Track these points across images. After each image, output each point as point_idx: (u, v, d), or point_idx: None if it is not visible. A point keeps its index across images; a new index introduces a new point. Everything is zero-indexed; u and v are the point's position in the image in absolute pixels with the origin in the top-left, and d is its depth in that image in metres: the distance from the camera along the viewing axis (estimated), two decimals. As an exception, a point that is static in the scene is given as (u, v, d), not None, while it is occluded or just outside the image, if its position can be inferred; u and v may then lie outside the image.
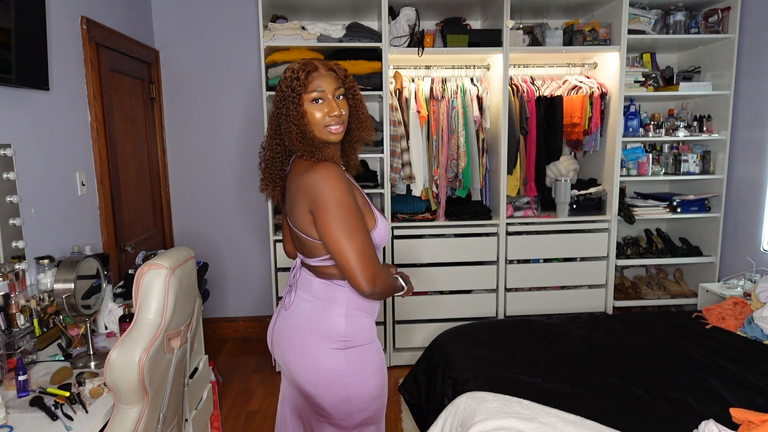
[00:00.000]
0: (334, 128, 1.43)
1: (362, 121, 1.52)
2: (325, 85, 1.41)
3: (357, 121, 1.51)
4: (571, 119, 3.46)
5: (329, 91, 1.42)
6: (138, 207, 3.26)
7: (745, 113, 3.33)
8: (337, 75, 1.45)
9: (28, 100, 2.12)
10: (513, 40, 3.25)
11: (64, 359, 1.86)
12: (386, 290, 1.45)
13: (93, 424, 1.48)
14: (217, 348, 3.80)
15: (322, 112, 1.41)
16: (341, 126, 1.44)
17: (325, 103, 1.41)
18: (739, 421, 1.75)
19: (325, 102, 1.41)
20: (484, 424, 1.76)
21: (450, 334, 2.66)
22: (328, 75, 1.43)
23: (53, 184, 2.29)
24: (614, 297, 3.55)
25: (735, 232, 3.43)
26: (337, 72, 1.45)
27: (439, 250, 3.37)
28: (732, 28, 3.32)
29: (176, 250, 1.62)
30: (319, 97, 1.41)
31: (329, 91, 1.42)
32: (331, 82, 1.42)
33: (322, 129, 1.42)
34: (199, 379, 2.26)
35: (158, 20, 3.62)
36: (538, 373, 2.18)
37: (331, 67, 1.45)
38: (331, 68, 1.45)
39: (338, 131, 1.44)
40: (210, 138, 3.75)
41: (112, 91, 2.89)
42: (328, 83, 1.41)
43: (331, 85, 1.42)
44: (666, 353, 2.37)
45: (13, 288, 1.85)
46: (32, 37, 2.05)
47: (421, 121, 3.34)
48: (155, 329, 1.47)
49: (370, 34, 3.24)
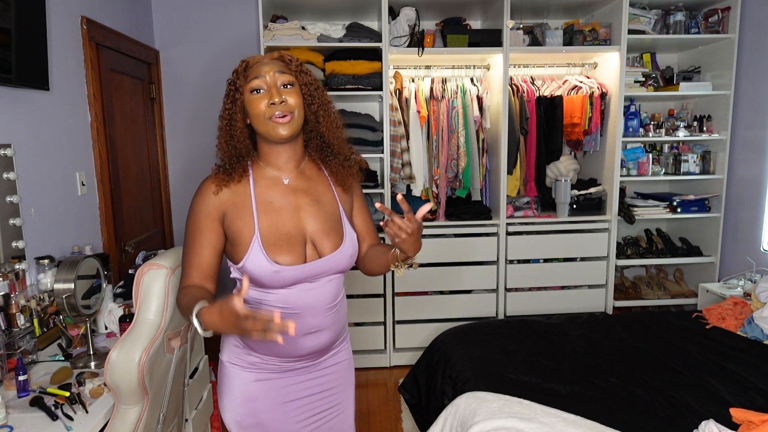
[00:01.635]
0: (277, 118, 1.24)
1: (319, 113, 1.33)
2: (266, 71, 1.25)
3: (313, 114, 1.33)
4: (571, 119, 3.46)
5: (271, 79, 1.25)
6: (138, 207, 3.25)
7: (745, 113, 3.33)
8: (284, 63, 1.28)
9: (28, 100, 2.12)
10: (513, 40, 3.25)
11: (64, 359, 1.86)
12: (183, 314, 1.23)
13: (93, 424, 1.48)
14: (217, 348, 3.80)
15: (261, 102, 1.25)
16: (288, 116, 1.25)
17: (266, 92, 1.25)
18: (739, 421, 1.75)
19: (265, 91, 1.25)
20: (484, 424, 1.76)
21: (450, 334, 2.66)
22: (271, 63, 1.27)
23: (53, 184, 2.29)
24: (614, 297, 3.55)
25: (735, 232, 3.43)
26: (285, 60, 1.29)
27: (439, 250, 3.37)
28: (732, 28, 3.32)
29: (176, 250, 1.62)
30: (258, 87, 1.25)
31: (270, 79, 1.25)
32: (273, 68, 1.26)
33: (266, 122, 1.25)
34: (199, 379, 2.26)
35: (158, 20, 3.62)
36: (538, 373, 2.18)
37: (279, 56, 1.30)
38: (280, 57, 1.30)
39: (285, 120, 1.25)
40: (210, 138, 3.71)
41: (112, 91, 2.89)
42: (269, 69, 1.26)
43: (272, 71, 1.25)
44: (666, 353, 2.37)
45: (13, 288, 1.85)
46: (32, 37, 2.05)
47: (421, 121, 3.34)
48: (155, 329, 1.47)
49: (370, 34, 3.24)
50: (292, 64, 1.30)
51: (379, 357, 3.43)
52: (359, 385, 3.11)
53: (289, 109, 1.26)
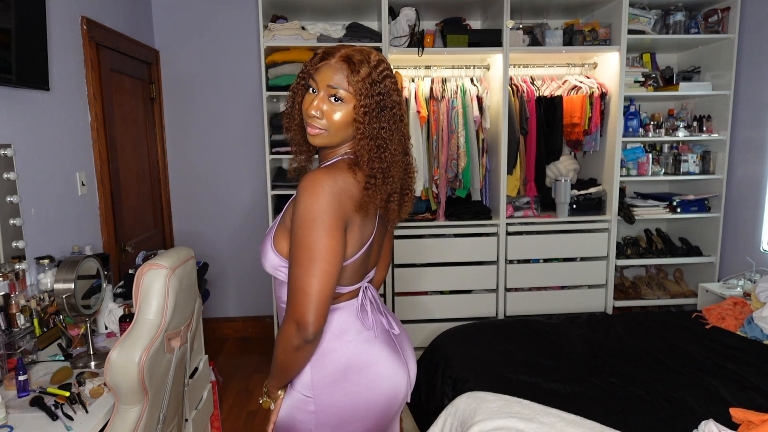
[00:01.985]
0: (310, 128, 1.19)
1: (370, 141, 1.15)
2: (322, 76, 1.17)
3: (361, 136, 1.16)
4: (571, 119, 3.46)
5: (323, 84, 1.17)
6: (138, 207, 3.26)
7: (745, 113, 3.33)
8: (349, 71, 1.15)
9: (28, 100, 2.13)
10: (513, 40, 3.25)
11: (64, 359, 1.86)
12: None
13: (93, 424, 1.48)
14: (217, 348, 3.80)
15: (307, 102, 1.19)
16: (318, 130, 1.18)
17: (314, 95, 1.18)
18: (739, 421, 1.75)
19: (314, 94, 1.18)
20: (484, 424, 1.76)
21: (450, 334, 2.66)
22: (335, 67, 1.16)
23: (53, 184, 2.29)
24: (614, 297, 3.55)
25: (735, 232, 3.43)
26: (351, 68, 1.15)
27: (439, 250, 3.37)
28: (732, 28, 3.32)
29: (176, 250, 1.62)
30: (311, 86, 1.19)
31: (322, 85, 1.17)
32: (330, 76, 1.16)
33: (304, 121, 1.22)
34: (199, 379, 2.26)
35: (158, 20, 3.62)
36: (538, 373, 2.18)
37: (348, 58, 1.16)
38: (348, 59, 1.16)
39: (312, 133, 1.18)
40: (210, 138, 3.75)
41: (112, 91, 2.89)
42: (328, 77, 1.16)
43: (328, 80, 1.16)
44: (666, 353, 2.37)
45: (13, 288, 1.85)
46: (32, 37, 2.05)
47: (421, 121, 3.34)
48: (155, 329, 1.47)
49: (370, 34, 3.24)
50: (356, 77, 1.14)
51: (379, 357, 3.43)
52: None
53: (323, 127, 1.18)
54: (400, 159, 1.21)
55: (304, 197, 1.09)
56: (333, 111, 1.16)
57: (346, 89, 1.15)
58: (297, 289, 1.10)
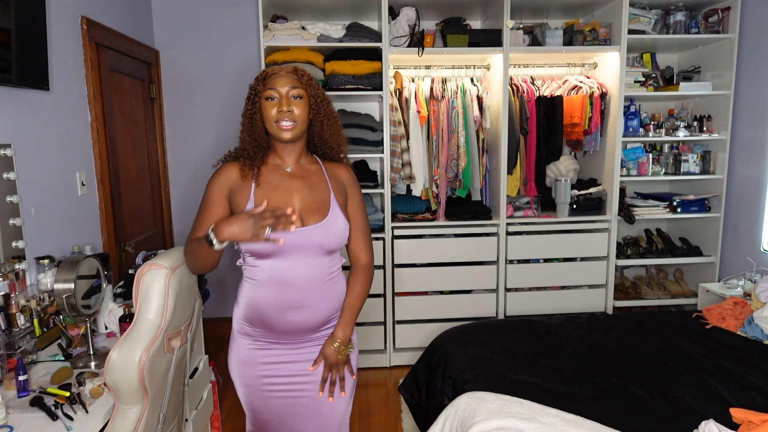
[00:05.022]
0: (284, 124, 1.49)
1: (324, 122, 1.58)
2: (280, 84, 1.50)
3: (318, 121, 1.58)
4: (571, 119, 3.46)
5: (283, 90, 1.49)
6: (138, 207, 3.26)
7: (745, 113, 3.33)
8: (297, 77, 1.52)
9: (28, 100, 2.12)
10: (513, 40, 3.25)
11: (64, 359, 1.86)
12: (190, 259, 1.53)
13: (93, 424, 1.48)
14: (217, 348, 3.80)
15: (273, 108, 1.49)
16: (292, 123, 1.50)
17: (277, 100, 1.49)
18: (739, 421, 1.75)
19: (276, 100, 1.50)
20: (484, 424, 1.77)
21: (450, 334, 2.66)
22: (286, 76, 1.51)
23: (53, 184, 2.29)
24: (614, 297, 3.55)
25: (735, 232, 3.43)
26: (297, 75, 1.53)
27: (439, 250, 3.37)
28: (732, 28, 3.32)
29: (176, 250, 1.62)
30: (272, 95, 1.50)
31: (283, 91, 1.49)
32: (287, 82, 1.50)
33: (273, 125, 1.50)
34: (199, 379, 2.26)
35: (158, 20, 3.62)
36: (538, 373, 2.18)
37: (293, 70, 1.53)
38: (294, 71, 1.53)
39: (287, 127, 1.50)
40: (210, 138, 3.75)
41: (112, 91, 2.89)
42: (283, 83, 1.50)
43: (285, 85, 1.50)
44: (666, 353, 2.37)
45: (13, 288, 1.85)
46: (32, 37, 2.05)
47: (421, 121, 3.34)
48: (155, 329, 1.47)
49: (370, 34, 3.24)
50: (304, 78, 1.53)
51: (379, 357, 3.44)
52: (359, 385, 3.11)
53: (293, 119, 1.50)
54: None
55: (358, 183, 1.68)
56: (297, 106, 1.51)
57: (302, 88, 1.52)
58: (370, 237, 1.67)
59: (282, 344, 1.58)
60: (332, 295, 1.58)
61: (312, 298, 1.53)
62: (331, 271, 1.57)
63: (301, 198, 1.54)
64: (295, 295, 1.51)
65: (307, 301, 1.53)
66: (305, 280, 1.51)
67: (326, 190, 1.58)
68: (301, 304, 1.52)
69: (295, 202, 1.53)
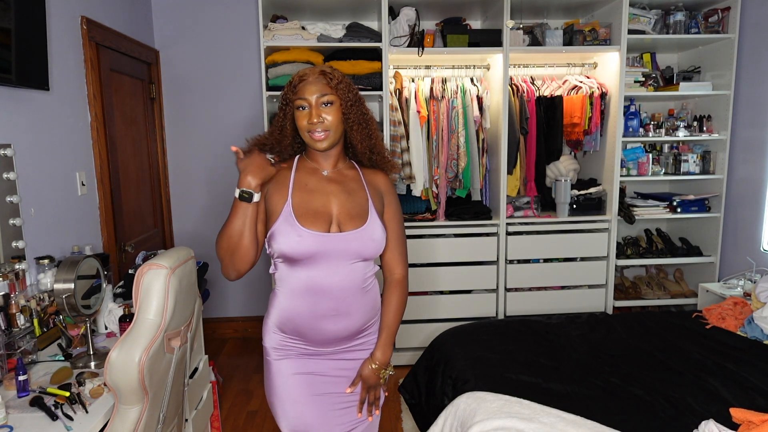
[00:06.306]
0: (316, 135, 1.44)
1: (353, 128, 1.50)
2: (309, 92, 1.43)
3: (348, 127, 1.50)
4: (571, 119, 3.46)
5: (312, 98, 1.43)
6: (138, 207, 3.26)
7: (745, 113, 3.33)
8: (326, 81, 1.44)
9: (28, 100, 2.12)
10: (513, 40, 3.25)
11: (64, 359, 1.86)
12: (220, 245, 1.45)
13: (93, 424, 1.48)
14: (217, 348, 3.80)
15: (304, 119, 1.44)
16: (324, 133, 1.44)
17: (308, 110, 1.44)
18: (739, 421, 1.75)
19: (307, 109, 1.44)
20: (484, 424, 1.77)
21: (450, 334, 2.66)
22: (315, 83, 1.44)
23: (53, 184, 2.29)
24: (614, 297, 3.55)
25: (735, 232, 3.43)
26: (327, 78, 1.45)
27: (439, 250, 3.37)
28: (732, 28, 3.32)
29: (176, 250, 1.62)
30: (302, 105, 1.44)
31: (312, 99, 1.43)
32: (316, 90, 1.43)
33: (306, 135, 1.46)
34: (199, 379, 2.26)
35: (158, 20, 3.62)
36: (538, 373, 2.18)
37: (322, 72, 1.46)
38: (322, 74, 1.45)
39: (319, 138, 1.44)
40: (210, 138, 3.75)
41: (112, 91, 2.89)
42: (313, 91, 1.43)
43: (315, 92, 1.43)
44: (666, 353, 2.37)
45: (13, 288, 1.85)
46: (32, 37, 2.05)
47: (421, 121, 3.34)
48: (155, 329, 1.47)
49: (370, 34, 3.24)
50: (333, 82, 1.45)
51: (379, 357, 3.43)
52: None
53: (326, 128, 1.44)
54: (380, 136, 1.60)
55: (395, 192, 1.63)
56: (329, 113, 1.44)
57: (333, 93, 1.45)
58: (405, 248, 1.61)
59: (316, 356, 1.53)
60: (367, 303, 1.53)
61: (348, 306, 1.47)
62: (366, 278, 1.51)
63: (339, 203, 1.48)
64: (331, 303, 1.45)
65: (343, 309, 1.47)
66: (342, 288, 1.45)
67: (364, 196, 1.53)
68: (338, 312, 1.46)
69: (333, 206, 1.48)
